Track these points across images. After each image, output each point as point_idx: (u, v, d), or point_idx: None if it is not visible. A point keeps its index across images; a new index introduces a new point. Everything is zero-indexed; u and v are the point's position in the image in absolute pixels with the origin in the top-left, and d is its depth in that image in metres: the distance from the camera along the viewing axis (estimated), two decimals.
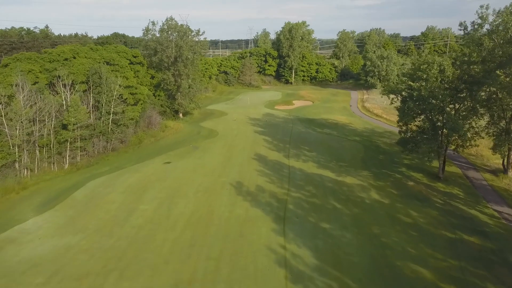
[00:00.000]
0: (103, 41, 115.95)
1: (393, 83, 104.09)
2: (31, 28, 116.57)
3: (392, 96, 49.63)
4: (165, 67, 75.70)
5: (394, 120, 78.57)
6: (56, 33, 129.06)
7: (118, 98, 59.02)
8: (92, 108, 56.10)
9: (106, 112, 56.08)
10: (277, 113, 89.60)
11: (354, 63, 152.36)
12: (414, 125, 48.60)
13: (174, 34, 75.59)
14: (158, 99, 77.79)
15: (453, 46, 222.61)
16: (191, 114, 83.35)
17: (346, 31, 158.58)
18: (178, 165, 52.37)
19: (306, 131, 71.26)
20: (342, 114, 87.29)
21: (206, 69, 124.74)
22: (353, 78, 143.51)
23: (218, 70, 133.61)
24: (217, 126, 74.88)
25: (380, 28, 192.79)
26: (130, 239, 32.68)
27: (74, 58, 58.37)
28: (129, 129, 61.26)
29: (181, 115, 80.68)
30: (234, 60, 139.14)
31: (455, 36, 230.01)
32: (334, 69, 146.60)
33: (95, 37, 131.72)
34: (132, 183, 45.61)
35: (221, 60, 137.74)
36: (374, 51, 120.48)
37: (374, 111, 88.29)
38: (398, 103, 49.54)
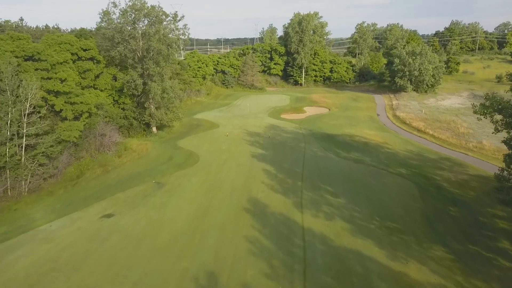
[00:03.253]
0: (76, 35, 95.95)
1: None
2: None
3: (498, 117, 28.03)
4: (130, 65, 55.21)
5: (445, 139, 57.04)
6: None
7: (46, 110, 38.99)
8: None
9: (14, 134, 35.69)
10: (284, 125, 68.61)
11: (374, 61, 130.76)
12: None
13: (144, 21, 54.86)
14: (123, 108, 57.38)
15: (482, 43, 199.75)
16: (169, 127, 62.74)
17: (366, 23, 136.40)
18: (120, 225, 31.85)
19: (325, 155, 50.12)
20: (371, 128, 65.95)
21: (199, 67, 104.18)
22: (375, 79, 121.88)
23: (214, 69, 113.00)
24: (201, 146, 54.13)
25: (398, 23, 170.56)
26: None
27: None
28: (62, 156, 40.92)
29: (154, 129, 60.12)
30: (234, 57, 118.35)
31: (484, 32, 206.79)
32: (351, 68, 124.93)
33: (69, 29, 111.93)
34: (18, 274, 25.08)
35: (218, 58, 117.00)
36: (404, 46, 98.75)
37: (413, 123, 66.79)
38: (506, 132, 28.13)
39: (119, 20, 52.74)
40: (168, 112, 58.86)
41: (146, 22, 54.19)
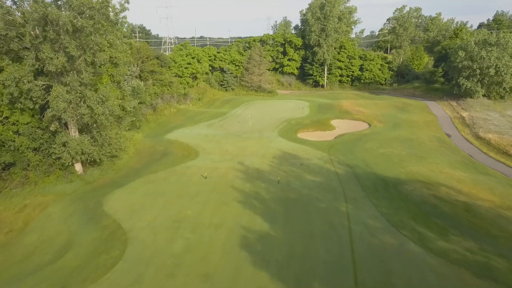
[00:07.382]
0: None
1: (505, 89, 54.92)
2: None
3: None
4: (21, 52, 29.61)
5: None
6: None
7: None
8: None
9: None
10: (305, 153, 42.11)
11: (415, 57, 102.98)
12: None
13: None
14: (17, 131, 31.90)
15: None
16: (110, 161, 36.95)
17: (407, 8, 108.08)
18: None
19: (398, 246, 23.32)
20: (452, 164, 38.84)
21: (188, 63, 78.47)
22: (418, 80, 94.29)
23: (210, 66, 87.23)
24: (146, 208, 28.15)
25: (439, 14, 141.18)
26: None
27: None
28: None
29: (78, 167, 34.42)
30: (236, 51, 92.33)
31: None
32: (387, 65, 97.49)
33: None
34: None
35: (217, 52, 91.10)
36: (471, 34, 71.23)
37: None
38: None
39: None
40: (100, 138, 33.06)
41: None
